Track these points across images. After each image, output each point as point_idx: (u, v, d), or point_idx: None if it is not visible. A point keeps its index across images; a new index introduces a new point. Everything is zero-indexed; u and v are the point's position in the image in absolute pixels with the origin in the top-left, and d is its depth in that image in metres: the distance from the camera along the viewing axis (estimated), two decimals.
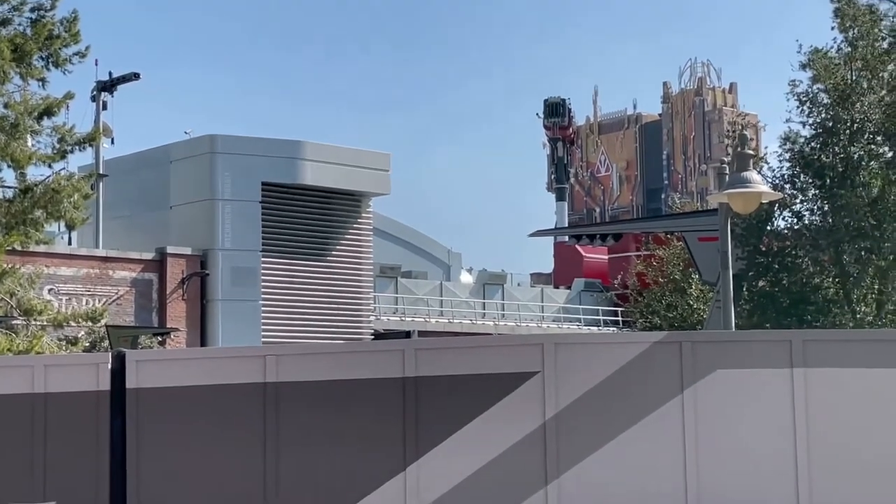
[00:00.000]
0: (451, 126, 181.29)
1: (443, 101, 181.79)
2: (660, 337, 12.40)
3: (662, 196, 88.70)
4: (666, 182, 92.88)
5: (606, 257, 59.76)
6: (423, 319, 48.76)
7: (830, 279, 27.79)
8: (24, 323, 28.15)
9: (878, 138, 27.51)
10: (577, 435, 12.10)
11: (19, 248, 29.52)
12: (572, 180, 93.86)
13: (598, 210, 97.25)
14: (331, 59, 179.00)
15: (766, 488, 11.97)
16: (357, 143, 57.98)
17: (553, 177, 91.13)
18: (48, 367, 12.56)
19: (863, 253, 26.81)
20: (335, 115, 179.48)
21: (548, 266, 69.94)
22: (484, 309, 52.68)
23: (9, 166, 28.31)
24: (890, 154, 27.40)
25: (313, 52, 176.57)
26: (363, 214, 41.85)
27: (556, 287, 59.41)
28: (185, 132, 44.10)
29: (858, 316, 26.71)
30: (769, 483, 11.99)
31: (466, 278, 56.86)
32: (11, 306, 27.80)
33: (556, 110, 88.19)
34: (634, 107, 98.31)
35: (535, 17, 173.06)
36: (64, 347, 28.50)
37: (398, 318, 47.84)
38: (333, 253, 40.68)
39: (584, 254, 59.72)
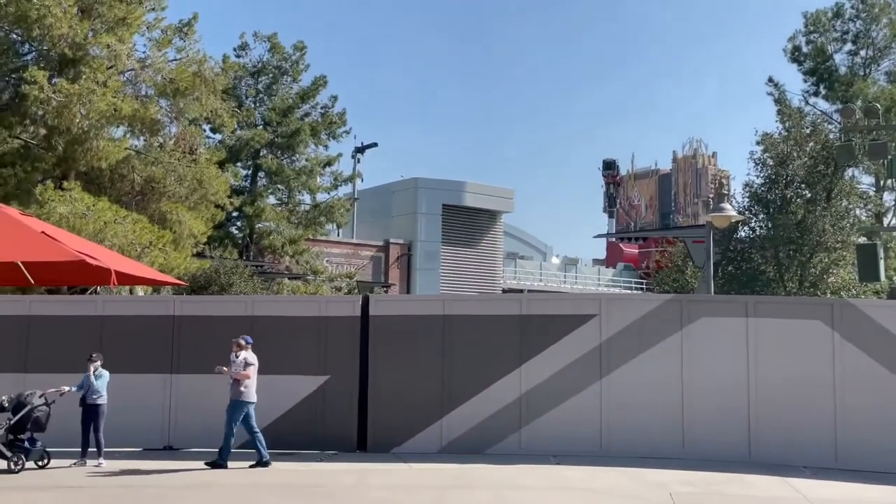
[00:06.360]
0: (531, 164, 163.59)
1: (527, 142, 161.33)
2: (668, 297, 12.21)
3: (671, 216, 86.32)
4: (673, 208, 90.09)
5: (637, 251, 58.46)
6: (529, 283, 48.51)
7: (771, 267, 26.71)
8: (313, 279, 29.15)
9: (802, 186, 26.42)
10: (618, 352, 11.94)
11: (311, 238, 30.89)
12: (617, 206, 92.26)
13: (632, 224, 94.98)
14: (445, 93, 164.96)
15: (730, 395, 11.65)
16: (479, 169, 57.06)
17: (606, 204, 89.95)
18: (328, 302, 12.86)
19: (791, 252, 25.78)
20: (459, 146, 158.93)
21: (602, 254, 68.74)
22: (565, 278, 52.09)
23: (308, 193, 30.03)
24: (808, 195, 26.24)
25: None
26: (497, 223, 41.78)
27: (607, 267, 58.29)
28: (401, 175, 44.76)
29: (787, 288, 25.65)
30: (731, 392, 11.67)
31: (555, 260, 56.28)
32: (308, 268, 29.04)
33: (609, 166, 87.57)
34: (655, 164, 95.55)
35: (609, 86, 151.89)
36: (333, 292, 29.34)
37: (515, 282, 47.67)
38: (481, 244, 40.80)
39: (623, 248, 58.55)
